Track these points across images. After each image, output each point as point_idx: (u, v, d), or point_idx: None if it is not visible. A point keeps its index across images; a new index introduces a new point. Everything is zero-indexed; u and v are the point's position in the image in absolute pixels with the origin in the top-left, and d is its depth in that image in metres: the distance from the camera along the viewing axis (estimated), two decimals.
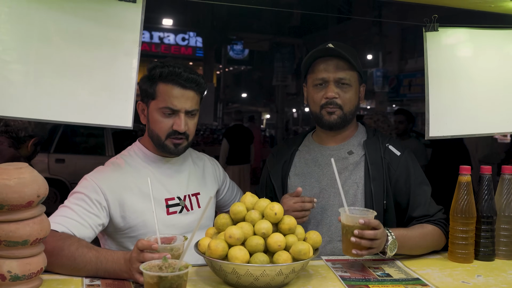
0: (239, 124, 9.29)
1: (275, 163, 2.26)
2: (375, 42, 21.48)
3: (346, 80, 2.08)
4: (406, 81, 20.63)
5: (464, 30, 2.20)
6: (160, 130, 1.94)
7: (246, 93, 27.96)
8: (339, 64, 2.08)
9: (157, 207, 1.93)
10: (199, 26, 18.90)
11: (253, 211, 1.67)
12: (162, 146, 1.96)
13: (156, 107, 1.93)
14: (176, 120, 1.92)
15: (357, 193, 2.07)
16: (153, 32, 18.73)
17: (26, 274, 1.46)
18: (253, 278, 1.52)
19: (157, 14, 16.77)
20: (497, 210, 2.00)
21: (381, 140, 2.15)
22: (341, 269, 1.80)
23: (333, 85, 2.08)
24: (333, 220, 2.08)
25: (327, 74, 2.08)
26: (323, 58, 2.11)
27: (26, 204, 1.44)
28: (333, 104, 2.08)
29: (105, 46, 1.80)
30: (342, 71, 2.08)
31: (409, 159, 2.11)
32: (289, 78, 17.87)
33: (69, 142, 8.60)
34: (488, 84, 2.21)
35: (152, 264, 1.35)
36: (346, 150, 2.16)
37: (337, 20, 21.12)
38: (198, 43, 19.47)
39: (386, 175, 2.06)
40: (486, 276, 1.78)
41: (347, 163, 2.13)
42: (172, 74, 1.90)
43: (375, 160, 2.09)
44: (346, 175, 2.10)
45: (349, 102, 2.10)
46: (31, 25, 1.73)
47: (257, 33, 19.28)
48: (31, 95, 1.73)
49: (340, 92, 2.08)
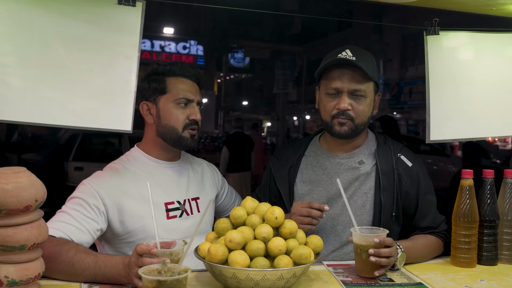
0: (239, 131, 9.27)
1: (280, 167, 2.19)
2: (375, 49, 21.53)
3: (361, 92, 1.98)
4: (407, 88, 20.67)
5: (465, 33, 2.19)
6: (176, 122, 1.97)
7: (247, 101, 28.00)
8: (354, 75, 1.97)
9: (156, 211, 1.92)
10: (200, 34, 18.95)
11: (254, 215, 1.65)
12: (179, 139, 1.98)
13: (169, 100, 1.98)
14: (191, 110, 1.99)
15: (365, 204, 2.03)
16: (154, 41, 18.75)
17: (24, 279, 1.44)
18: (253, 283, 1.50)
19: (158, 22, 16.84)
20: (500, 214, 1.98)
21: (393, 148, 2.10)
22: (342, 274, 1.78)
23: (346, 96, 1.98)
24: (339, 229, 2.05)
25: (341, 85, 1.98)
26: (338, 66, 1.99)
27: (23, 209, 1.42)
28: (345, 115, 1.99)
29: (105, 50, 1.79)
30: (357, 82, 1.97)
31: (420, 170, 2.08)
32: (290, 86, 17.90)
33: (87, 150, 8.82)
34: (489, 88, 2.20)
35: (151, 268, 1.34)
36: (356, 160, 2.09)
37: (338, 28, 21.19)
38: (199, 51, 19.49)
39: (397, 186, 2.02)
40: (490, 280, 1.76)
41: (357, 173, 2.07)
42: (182, 68, 2.01)
43: (387, 171, 2.04)
44: (356, 185, 2.05)
45: (362, 114, 2.01)
46: (30, 29, 1.72)
47: (258, 41, 19.33)
48: (30, 99, 1.72)
49: (353, 104, 1.99)
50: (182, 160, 2.12)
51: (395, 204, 2.01)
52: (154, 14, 15.80)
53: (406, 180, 2.03)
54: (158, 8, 16.32)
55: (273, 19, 18.43)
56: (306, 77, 19.96)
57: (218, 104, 22.66)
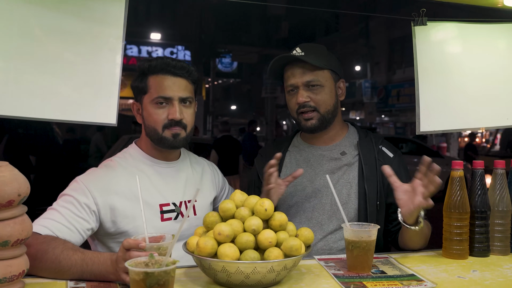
0: (227, 135, 9.28)
1: (265, 163, 2.17)
2: (363, 53, 21.65)
3: (315, 82, 2.05)
4: (395, 91, 20.82)
5: (453, 24, 2.20)
6: (155, 123, 1.90)
7: (235, 106, 28.02)
8: (305, 67, 2.05)
9: (151, 213, 1.88)
10: (187, 39, 18.95)
11: (243, 208, 1.62)
12: (160, 140, 1.91)
13: (149, 100, 1.91)
14: (171, 109, 1.89)
15: (350, 193, 2.07)
16: (141, 47, 18.69)
17: (7, 276, 1.39)
18: (243, 276, 1.46)
19: (145, 28, 16.80)
20: (491, 205, 1.97)
21: (374, 141, 2.16)
22: (334, 268, 1.75)
23: (302, 90, 2.06)
24: (325, 218, 2.07)
25: (294, 80, 2.07)
26: (290, 64, 2.10)
27: (6, 204, 1.38)
28: (306, 107, 2.06)
29: (88, 42, 1.77)
30: (309, 73, 2.05)
31: (400, 161, 2.13)
32: (278, 90, 17.92)
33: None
34: (479, 79, 2.21)
35: (138, 261, 1.30)
36: (338, 151, 2.15)
37: (325, 33, 21.31)
38: (186, 56, 19.44)
39: (379, 176, 2.05)
40: (482, 271, 1.74)
41: (340, 163, 2.12)
42: (162, 64, 1.90)
43: (369, 161, 2.09)
44: (339, 174, 2.10)
45: (323, 103, 2.07)
46: (11, 20, 1.68)
47: (245, 45, 19.37)
48: (11, 92, 1.68)
49: (311, 95, 2.06)
50: (181, 159, 2.06)
51: (378, 193, 2.05)
52: (141, 20, 15.78)
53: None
54: (145, 14, 16.30)
55: (260, 24, 18.49)
56: None
57: (206, 109, 22.62)
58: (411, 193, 1.80)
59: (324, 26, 21.06)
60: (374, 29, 20.33)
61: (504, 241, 1.97)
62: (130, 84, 1.96)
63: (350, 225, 1.75)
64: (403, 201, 1.82)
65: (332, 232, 2.06)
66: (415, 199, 1.77)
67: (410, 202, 1.79)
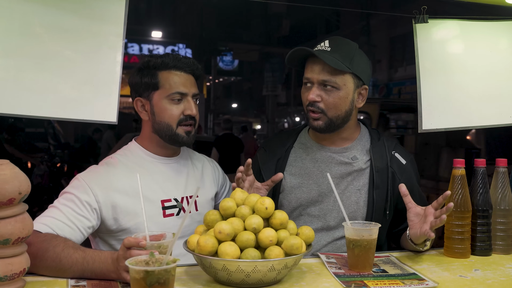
0: (228, 133, 9.27)
1: (268, 159, 2.15)
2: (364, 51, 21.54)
3: (331, 83, 1.93)
4: (396, 89, 20.76)
5: (454, 21, 2.18)
6: (170, 118, 1.91)
7: (236, 104, 27.99)
8: (325, 66, 1.93)
9: (153, 209, 1.88)
10: (188, 38, 18.90)
11: (243, 206, 1.62)
12: (173, 136, 1.92)
13: (162, 96, 1.91)
14: (186, 105, 1.92)
15: (359, 200, 2.02)
16: (143, 45, 18.66)
17: (8, 274, 1.40)
18: (244, 274, 1.46)
19: (146, 26, 16.76)
20: (492, 204, 1.96)
21: (387, 146, 2.07)
22: (335, 266, 1.75)
23: (316, 87, 1.96)
24: (332, 224, 2.04)
25: (311, 75, 1.97)
26: (313, 57, 1.98)
27: (7, 202, 1.38)
28: (314, 107, 1.96)
29: (88, 40, 1.76)
30: (328, 73, 1.93)
31: (412, 168, 2.09)
32: (279, 88, 17.90)
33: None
34: (480, 76, 2.20)
35: (138, 259, 1.30)
36: (349, 155, 2.06)
37: (326, 30, 21.25)
38: (187, 54, 19.40)
39: (390, 184, 2.01)
40: (484, 270, 1.74)
41: (350, 169, 2.04)
42: (174, 60, 1.92)
43: (381, 168, 2.02)
44: (349, 180, 2.04)
45: (333, 107, 1.96)
46: (12, 18, 1.68)
47: (246, 43, 19.33)
48: (11, 89, 1.67)
49: (323, 95, 1.95)
50: (182, 155, 2.06)
51: (389, 201, 2.00)
52: (142, 18, 15.77)
53: (400, 178, 2.02)
54: (146, 12, 16.27)
55: (261, 21, 18.46)
56: (295, 79, 19.98)
57: (207, 107, 22.60)
58: (422, 218, 1.79)
59: (325, 24, 20.99)
60: (375, 27, 20.27)
61: (506, 240, 1.96)
62: (129, 81, 1.95)
63: (351, 223, 1.74)
64: (413, 223, 1.82)
65: (340, 238, 2.03)
66: (423, 226, 1.76)
67: (419, 227, 1.79)
